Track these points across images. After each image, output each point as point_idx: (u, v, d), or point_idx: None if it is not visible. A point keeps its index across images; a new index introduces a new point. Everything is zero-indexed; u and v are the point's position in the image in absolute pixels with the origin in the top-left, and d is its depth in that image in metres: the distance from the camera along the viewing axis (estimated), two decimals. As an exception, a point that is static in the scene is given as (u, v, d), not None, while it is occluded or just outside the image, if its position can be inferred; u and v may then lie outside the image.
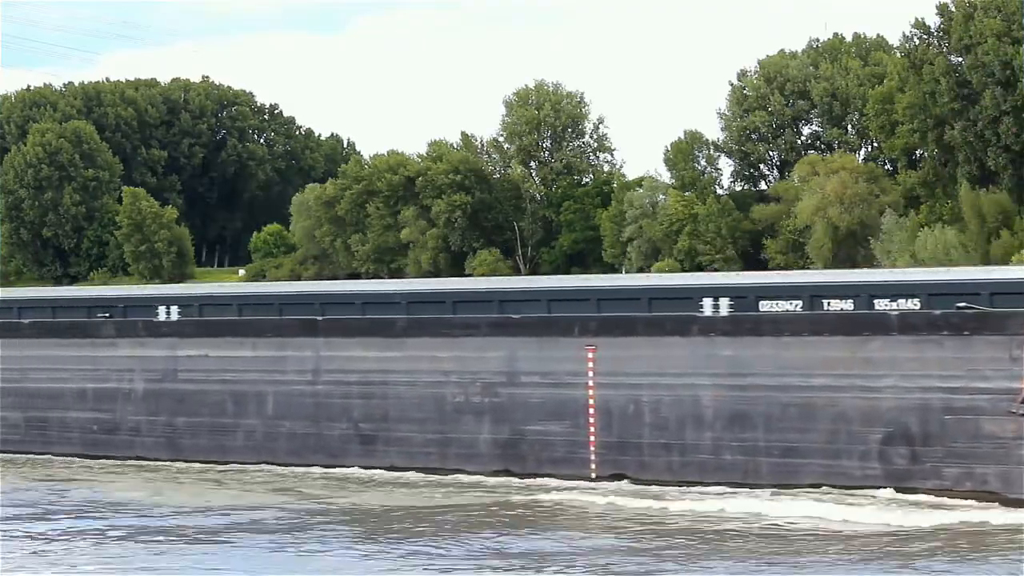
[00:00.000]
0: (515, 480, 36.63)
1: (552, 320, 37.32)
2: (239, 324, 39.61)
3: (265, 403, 38.92)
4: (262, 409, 38.94)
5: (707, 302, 36.25)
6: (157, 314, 40.59)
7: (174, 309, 40.44)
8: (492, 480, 36.72)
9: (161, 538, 31.72)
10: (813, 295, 35.66)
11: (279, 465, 38.79)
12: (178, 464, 39.86)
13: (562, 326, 36.87)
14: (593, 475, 36.37)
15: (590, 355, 36.32)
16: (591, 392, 36.32)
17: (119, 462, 40.41)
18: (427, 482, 36.97)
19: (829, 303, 35.36)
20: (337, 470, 38.11)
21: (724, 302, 36.15)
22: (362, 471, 37.94)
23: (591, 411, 36.40)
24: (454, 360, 37.23)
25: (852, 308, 35.12)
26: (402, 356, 37.54)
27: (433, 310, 38.32)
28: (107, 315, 41.20)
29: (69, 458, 41.16)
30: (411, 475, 37.42)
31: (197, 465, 39.50)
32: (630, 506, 33.99)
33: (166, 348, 39.90)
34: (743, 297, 36.29)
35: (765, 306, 35.98)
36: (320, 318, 38.90)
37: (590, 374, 36.32)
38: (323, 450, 38.47)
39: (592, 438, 36.42)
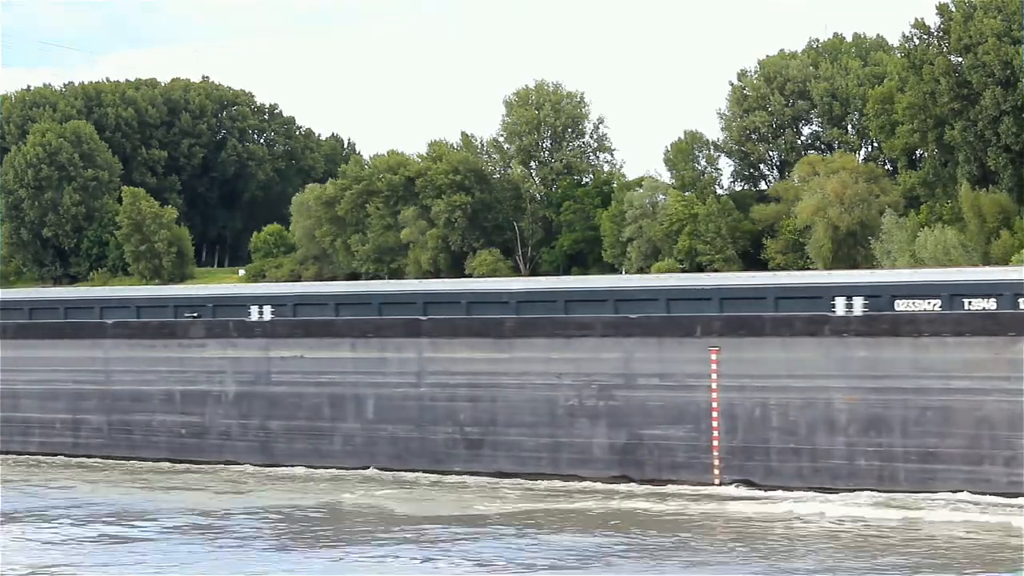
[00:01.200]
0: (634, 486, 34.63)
1: (673, 320, 35.23)
2: (337, 324, 37.12)
3: (365, 406, 36.64)
4: (362, 412, 36.66)
5: (839, 301, 34.03)
6: (249, 314, 37.94)
7: (267, 309, 37.73)
8: (608, 487, 34.72)
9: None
10: (953, 294, 33.62)
11: (380, 470, 36.56)
12: (272, 469, 37.34)
13: (684, 326, 34.82)
14: (716, 481, 34.46)
15: (713, 356, 34.38)
16: (714, 395, 34.32)
17: (209, 467, 37.87)
18: (539, 488, 34.95)
19: (970, 302, 33.29)
20: (441, 476, 35.79)
21: (858, 301, 33.87)
22: (468, 477, 35.75)
23: (714, 415, 34.42)
24: (567, 362, 35.18)
25: (995, 307, 33.07)
26: (511, 357, 35.53)
27: (544, 309, 36.08)
28: (195, 315, 38.64)
29: (156, 463, 38.51)
30: (520, 481, 35.24)
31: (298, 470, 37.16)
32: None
33: (259, 349, 37.48)
34: (877, 296, 34.09)
35: (901, 305, 33.81)
36: (424, 318, 36.57)
37: (713, 376, 34.37)
38: (427, 455, 36.30)
39: (715, 443, 34.43)
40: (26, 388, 40.46)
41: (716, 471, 34.45)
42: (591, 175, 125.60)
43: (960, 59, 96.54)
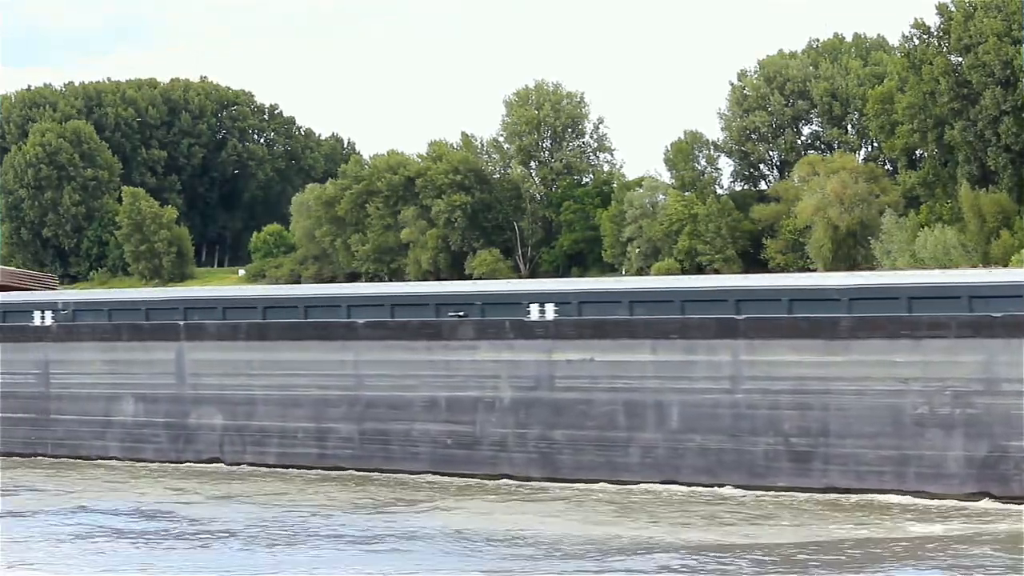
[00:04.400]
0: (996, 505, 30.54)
1: None
2: (635, 324, 33.37)
3: (668, 414, 32.85)
4: (664, 421, 32.88)
5: None
6: (528, 312, 34.28)
7: (549, 307, 33.93)
8: (965, 504, 30.50)
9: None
10: None
11: (685, 485, 32.78)
12: (556, 484, 33.21)
13: None
14: None
15: None
16: None
17: (480, 481, 33.90)
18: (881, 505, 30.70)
19: None
20: (761, 492, 31.83)
21: None
22: (792, 493, 31.49)
23: None
24: (915, 365, 31.14)
25: None
26: (846, 360, 31.63)
27: (883, 308, 32.01)
28: (461, 314, 34.96)
29: (417, 475, 34.57)
30: (857, 497, 31.11)
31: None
32: None
33: (540, 351, 33.81)
34: None
35: None
36: (740, 317, 32.80)
37: None
38: (743, 468, 32.48)
39: None
40: (263, 394, 36.54)
41: None
42: (591, 175, 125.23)
43: (960, 59, 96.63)
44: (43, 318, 38.22)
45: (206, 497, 32.51)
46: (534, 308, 34.09)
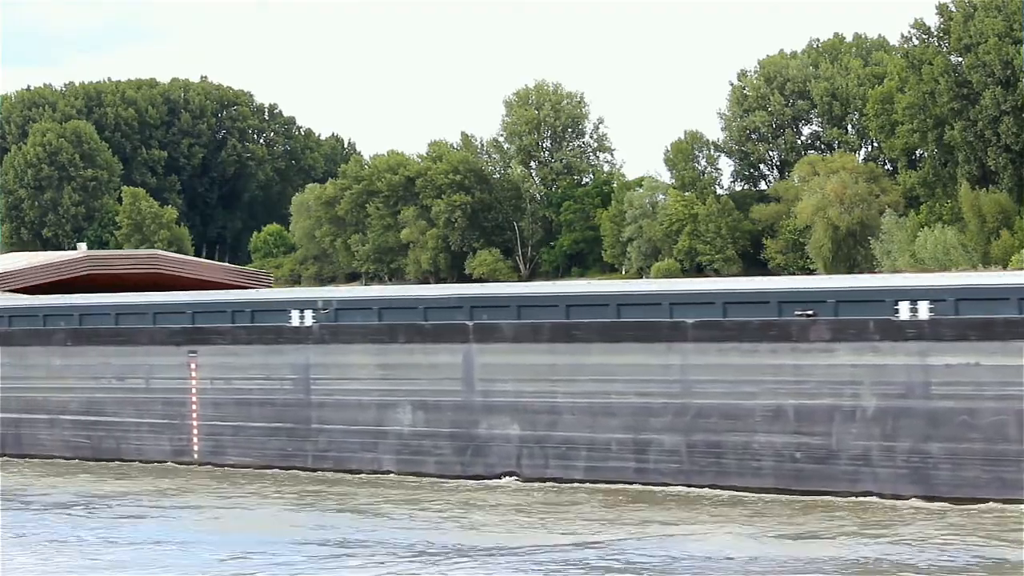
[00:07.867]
0: None
1: None
2: None
3: None
4: None
5: None
6: (896, 311, 30.95)
7: (922, 304, 30.71)
8: None
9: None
10: None
11: None
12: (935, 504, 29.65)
13: None
14: None
15: None
16: None
17: (838, 499, 30.35)
18: None
19: None
20: None
21: None
22: None
23: None
24: None
25: None
26: None
27: None
28: (811, 313, 31.58)
29: (759, 494, 30.82)
30: None
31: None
32: None
33: (912, 355, 30.48)
34: None
35: None
36: None
37: None
38: None
39: None
40: (568, 402, 33.00)
41: None
42: (591, 175, 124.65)
43: (960, 59, 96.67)
44: (302, 318, 34.94)
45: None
46: (903, 306, 30.68)
